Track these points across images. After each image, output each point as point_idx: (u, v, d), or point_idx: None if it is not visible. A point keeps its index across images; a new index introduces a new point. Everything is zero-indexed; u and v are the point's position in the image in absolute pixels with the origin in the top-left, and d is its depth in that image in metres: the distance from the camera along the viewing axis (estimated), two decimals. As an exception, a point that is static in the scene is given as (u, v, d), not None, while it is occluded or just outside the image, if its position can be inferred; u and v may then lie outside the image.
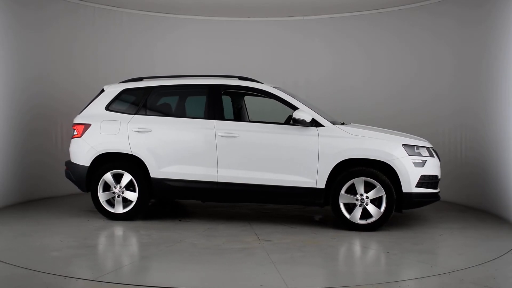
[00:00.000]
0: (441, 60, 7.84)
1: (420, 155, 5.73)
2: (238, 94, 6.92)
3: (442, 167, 6.07)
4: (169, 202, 7.61)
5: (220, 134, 5.97)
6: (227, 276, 4.25)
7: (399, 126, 7.82)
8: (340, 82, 8.85)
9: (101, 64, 8.54)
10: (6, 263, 4.45)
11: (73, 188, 6.87)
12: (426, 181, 5.71)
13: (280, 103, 6.10)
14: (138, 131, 6.19)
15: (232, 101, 7.02)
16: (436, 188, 5.86)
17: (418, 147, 5.79)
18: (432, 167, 5.80)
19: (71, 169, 6.48)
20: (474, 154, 7.17)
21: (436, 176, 5.84)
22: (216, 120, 6.04)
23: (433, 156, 5.86)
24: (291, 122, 5.87)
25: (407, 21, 8.28)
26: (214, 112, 6.09)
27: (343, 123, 6.31)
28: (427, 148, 5.86)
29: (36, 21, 7.63)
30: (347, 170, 5.69)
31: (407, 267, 4.54)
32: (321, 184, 5.73)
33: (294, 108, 5.92)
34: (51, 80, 7.87)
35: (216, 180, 5.97)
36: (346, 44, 8.89)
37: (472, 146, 7.25)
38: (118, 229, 5.95)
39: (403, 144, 5.71)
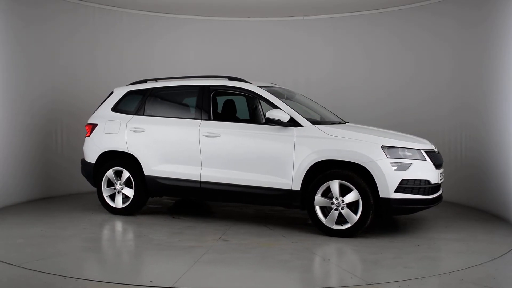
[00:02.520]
0: (441, 58, 7.82)
1: (403, 157, 5.30)
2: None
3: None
4: (191, 200, 7.68)
5: (203, 134, 6.03)
6: (132, 270, 4.45)
7: (399, 124, 7.91)
8: (340, 81, 8.85)
9: (102, 64, 8.54)
10: (6, 263, 4.46)
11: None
12: (410, 186, 5.26)
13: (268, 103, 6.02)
14: (134, 131, 6.48)
15: (247, 102, 7.07)
16: (427, 194, 5.41)
17: (403, 149, 5.35)
18: (421, 171, 5.34)
19: (83, 166, 6.95)
20: (474, 153, 7.17)
21: (427, 181, 5.37)
22: (201, 120, 6.13)
23: (425, 160, 5.40)
24: (266, 121, 5.73)
25: (407, 21, 8.28)
26: (201, 112, 6.17)
27: (346, 122, 6.34)
28: (418, 150, 5.42)
29: (35, 21, 7.61)
30: (324, 172, 5.44)
31: (327, 276, 4.32)
32: (297, 186, 5.54)
33: (276, 107, 5.79)
34: (50, 81, 7.86)
35: (199, 179, 6.05)
36: (346, 43, 8.89)
37: (472, 146, 7.24)
38: (105, 222, 6.27)
39: (382, 146, 5.31)
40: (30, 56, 7.51)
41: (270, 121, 5.68)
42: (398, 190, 5.24)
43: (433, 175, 5.45)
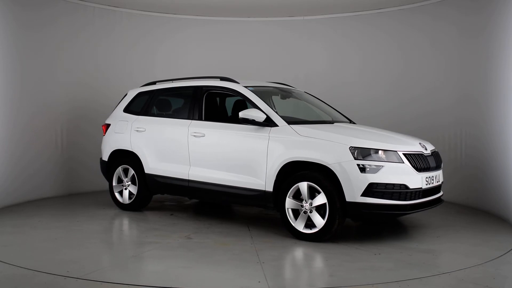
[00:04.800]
0: (442, 56, 7.81)
1: (374, 159, 4.96)
2: (266, 95, 6.81)
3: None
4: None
5: (191, 133, 6.11)
6: (61, 260, 4.60)
7: (399, 122, 7.97)
8: (340, 80, 8.86)
9: (102, 65, 8.54)
10: (6, 263, 4.46)
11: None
12: (380, 190, 4.92)
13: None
14: (137, 130, 6.71)
15: None
16: (404, 200, 5.02)
17: (375, 150, 5.01)
18: (395, 174, 4.98)
19: (100, 163, 7.27)
20: (474, 151, 7.16)
21: (403, 185, 5.00)
22: (192, 120, 6.22)
23: (402, 162, 5.04)
24: (242, 121, 5.65)
25: (406, 20, 8.28)
26: (193, 112, 6.26)
27: (351, 122, 6.35)
28: (394, 152, 5.06)
29: (35, 22, 7.60)
30: (295, 173, 5.27)
31: (238, 277, 4.16)
32: (270, 187, 5.40)
33: (256, 106, 5.72)
34: (51, 81, 7.85)
35: (188, 178, 6.12)
36: (346, 43, 8.89)
37: (472, 144, 7.23)
38: (105, 216, 6.58)
39: (350, 147, 5.01)
40: (29, 59, 7.48)
41: (245, 121, 5.61)
42: (365, 194, 4.92)
43: (412, 179, 5.07)
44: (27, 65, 7.42)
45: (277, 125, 5.50)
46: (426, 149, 5.45)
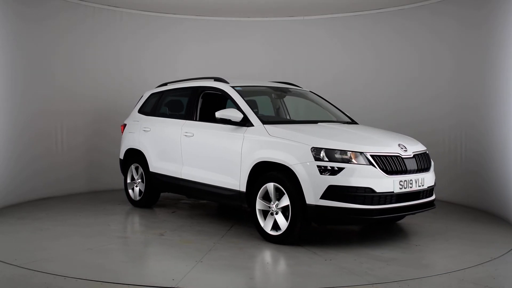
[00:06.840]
0: (442, 58, 7.80)
1: (337, 161, 4.75)
2: (275, 95, 6.87)
3: (440, 167, 5.81)
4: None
5: (183, 133, 6.22)
6: (26, 248, 4.93)
7: (400, 124, 7.95)
8: (339, 81, 8.85)
9: (102, 65, 8.53)
10: (6, 263, 4.46)
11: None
12: (342, 193, 4.70)
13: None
14: (144, 130, 6.94)
15: (271, 102, 7.09)
16: (370, 204, 4.76)
17: (339, 151, 4.80)
18: (359, 177, 4.72)
19: (119, 161, 7.51)
20: (474, 152, 7.15)
21: (368, 188, 4.73)
22: (186, 120, 6.33)
23: (368, 164, 4.79)
24: (219, 121, 5.70)
25: (407, 21, 8.27)
26: (188, 112, 6.38)
27: (352, 123, 6.30)
28: (361, 153, 4.81)
29: (35, 22, 7.59)
30: (264, 174, 5.19)
31: (161, 274, 4.20)
32: (243, 187, 5.37)
33: (237, 106, 5.71)
34: (51, 81, 7.85)
35: (181, 177, 6.24)
36: (346, 43, 8.89)
37: (472, 145, 7.23)
38: (110, 212, 6.78)
39: (312, 147, 4.84)
40: (28, 58, 7.47)
41: (223, 121, 5.63)
42: (326, 196, 4.72)
43: (380, 182, 4.79)
44: (26, 65, 7.41)
45: (253, 125, 5.47)
46: (405, 150, 5.13)
